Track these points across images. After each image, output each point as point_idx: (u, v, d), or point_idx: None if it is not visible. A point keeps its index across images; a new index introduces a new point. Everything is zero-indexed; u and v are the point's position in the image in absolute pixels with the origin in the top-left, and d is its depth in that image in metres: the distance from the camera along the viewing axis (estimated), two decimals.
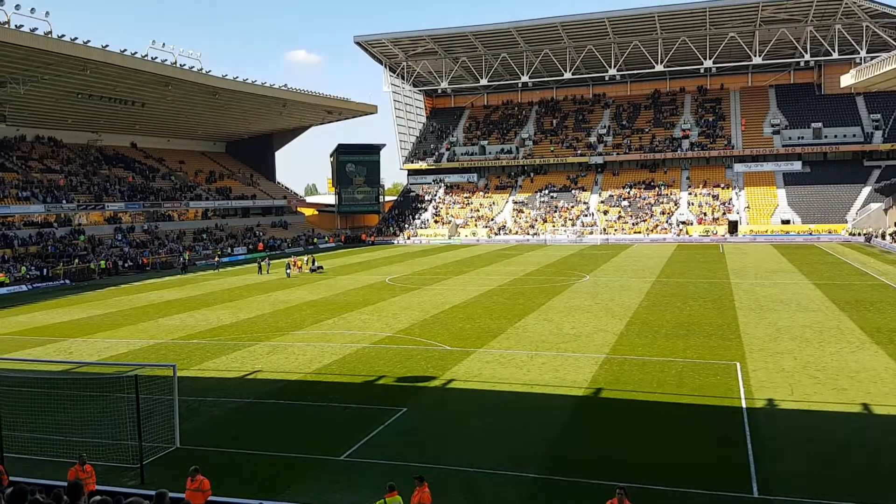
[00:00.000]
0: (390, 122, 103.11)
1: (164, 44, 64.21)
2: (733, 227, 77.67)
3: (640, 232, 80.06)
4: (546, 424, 16.93)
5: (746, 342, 24.76)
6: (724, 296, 35.93)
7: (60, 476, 12.87)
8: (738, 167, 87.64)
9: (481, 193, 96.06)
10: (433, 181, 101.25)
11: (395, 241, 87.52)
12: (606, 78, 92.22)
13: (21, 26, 49.85)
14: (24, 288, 50.34)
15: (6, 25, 48.79)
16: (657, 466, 14.28)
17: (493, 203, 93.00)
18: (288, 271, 52.01)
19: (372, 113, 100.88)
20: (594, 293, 38.03)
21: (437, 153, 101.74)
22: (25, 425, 16.47)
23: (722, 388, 19.25)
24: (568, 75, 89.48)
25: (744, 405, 17.75)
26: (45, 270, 53.97)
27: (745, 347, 23.96)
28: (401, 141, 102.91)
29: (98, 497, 8.11)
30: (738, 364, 21.69)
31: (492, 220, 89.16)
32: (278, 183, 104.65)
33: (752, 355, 22.80)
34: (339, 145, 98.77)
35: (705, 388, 19.29)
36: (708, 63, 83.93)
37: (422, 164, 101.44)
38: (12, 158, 67.99)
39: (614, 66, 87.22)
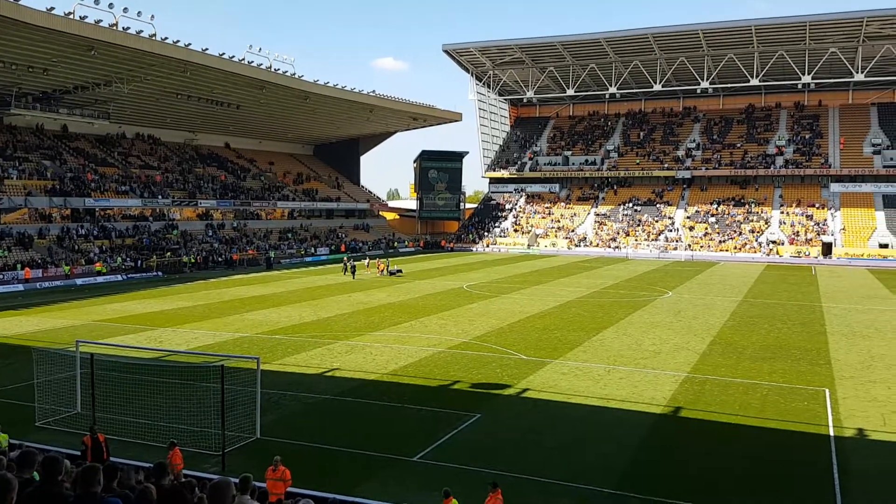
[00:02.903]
0: (474, 129, 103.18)
1: (259, 48, 66.32)
2: (827, 248, 74.46)
3: (727, 250, 77.71)
4: (622, 440, 16.65)
5: (837, 368, 23.70)
6: (814, 319, 34.49)
7: (146, 458, 13.46)
8: (835, 187, 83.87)
9: (563, 204, 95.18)
10: (514, 190, 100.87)
11: (474, 249, 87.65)
12: (698, 91, 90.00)
13: (127, 28, 52.47)
14: (119, 278, 52.84)
15: (114, 27, 51.48)
16: (736, 492, 13.84)
17: (575, 214, 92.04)
18: (354, 274, 52.78)
19: (456, 120, 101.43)
20: (676, 310, 37.13)
21: (519, 162, 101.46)
22: (117, 408, 17.29)
23: (809, 415, 18.48)
24: (658, 87, 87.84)
25: (832, 434, 17.02)
26: (139, 262, 56.55)
27: (835, 374, 22.93)
28: (484, 149, 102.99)
29: (184, 479, 8.45)
30: (826, 391, 20.79)
31: (572, 231, 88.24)
32: (362, 187, 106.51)
33: (842, 382, 21.80)
34: (423, 151, 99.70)
35: (791, 414, 18.56)
36: (806, 78, 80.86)
37: (503, 173, 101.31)
38: (114, 154, 71.60)
39: (707, 79, 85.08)
